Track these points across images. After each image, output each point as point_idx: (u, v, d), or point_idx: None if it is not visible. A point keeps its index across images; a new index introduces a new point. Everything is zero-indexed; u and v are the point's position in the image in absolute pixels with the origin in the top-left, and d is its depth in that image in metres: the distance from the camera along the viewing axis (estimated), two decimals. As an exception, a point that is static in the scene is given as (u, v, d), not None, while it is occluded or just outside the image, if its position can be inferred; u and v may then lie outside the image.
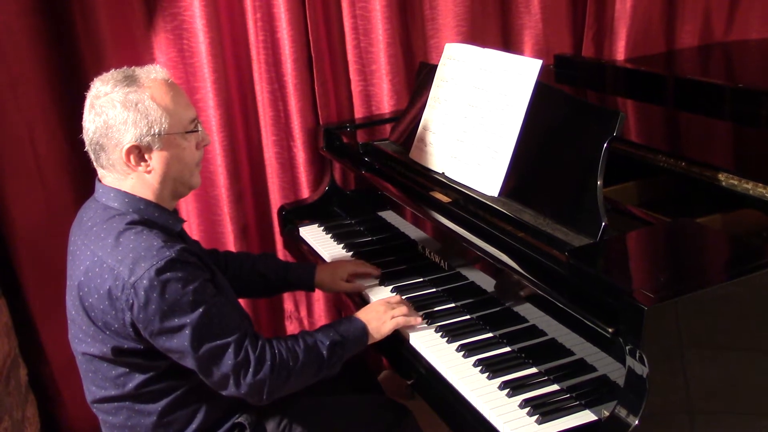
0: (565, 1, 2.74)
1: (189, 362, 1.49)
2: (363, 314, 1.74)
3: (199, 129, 1.59)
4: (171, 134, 1.52)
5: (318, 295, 2.77)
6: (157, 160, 1.53)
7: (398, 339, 1.79)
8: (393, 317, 1.73)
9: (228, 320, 1.51)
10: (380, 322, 1.72)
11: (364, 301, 1.94)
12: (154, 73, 1.54)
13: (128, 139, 1.49)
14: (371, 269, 2.01)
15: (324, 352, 1.60)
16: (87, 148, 1.56)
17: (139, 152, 1.51)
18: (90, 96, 1.54)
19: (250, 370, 1.50)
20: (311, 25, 2.46)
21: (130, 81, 1.51)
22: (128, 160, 1.51)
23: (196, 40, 2.39)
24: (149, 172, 1.53)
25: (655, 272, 1.41)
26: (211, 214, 2.58)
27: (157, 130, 1.50)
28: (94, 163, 1.57)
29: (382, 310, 1.74)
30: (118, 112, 1.48)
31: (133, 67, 1.56)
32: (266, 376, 1.52)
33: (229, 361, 1.48)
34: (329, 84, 2.59)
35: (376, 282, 1.99)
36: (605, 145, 1.51)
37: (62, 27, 2.28)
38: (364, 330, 1.70)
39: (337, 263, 2.06)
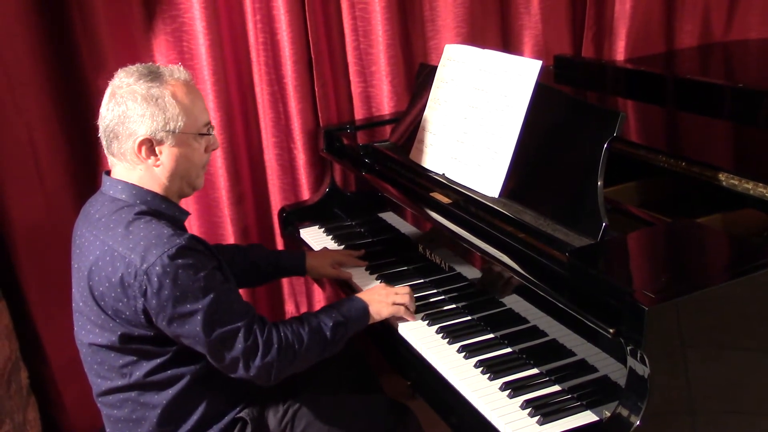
0: (564, 1, 2.74)
1: (200, 347, 1.52)
2: (366, 295, 1.78)
3: (211, 133, 1.64)
4: (185, 133, 1.56)
5: (319, 296, 2.77)
6: (167, 155, 1.56)
7: (399, 339, 1.79)
8: (394, 303, 1.77)
9: (237, 306, 1.55)
10: (381, 305, 1.76)
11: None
12: (177, 73, 1.59)
13: (143, 131, 1.53)
14: (357, 261, 2.08)
15: (327, 334, 1.65)
16: (100, 134, 1.59)
17: (150, 145, 1.55)
18: (112, 85, 1.58)
19: (259, 353, 1.54)
20: (311, 27, 2.46)
21: (154, 76, 1.55)
22: (139, 151, 1.55)
23: (196, 42, 2.39)
24: (158, 166, 1.57)
25: (656, 272, 1.41)
26: (211, 216, 2.59)
27: (171, 127, 1.54)
28: (105, 150, 1.60)
29: (384, 293, 1.79)
30: (138, 105, 1.52)
31: (158, 64, 1.61)
32: (273, 359, 1.56)
33: (239, 345, 1.52)
34: (329, 85, 2.59)
35: (373, 278, 2.02)
36: (605, 145, 1.51)
37: (61, 29, 2.28)
38: (365, 310, 1.74)
39: (324, 251, 2.14)
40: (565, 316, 1.48)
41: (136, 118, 1.53)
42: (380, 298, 1.77)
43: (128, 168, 1.58)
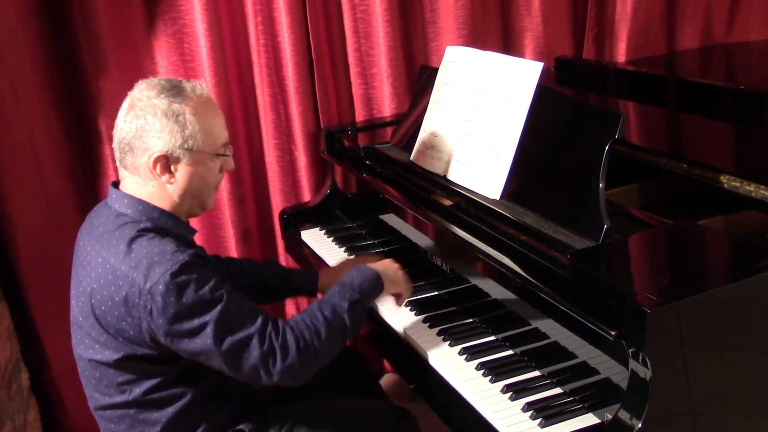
0: (565, 3, 2.74)
1: (215, 361, 1.48)
2: (377, 265, 1.75)
3: (229, 154, 1.60)
4: (202, 152, 1.53)
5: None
6: (181, 173, 1.53)
7: (401, 342, 1.79)
8: (405, 278, 1.78)
9: (246, 313, 1.51)
10: (395, 277, 1.75)
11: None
12: (199, 89, 1.55)
13: (160, 147, 1.49)
14: None
15: (345, 318, 1.60)
16: (114, 145, 1.55)
17: (166, 162, 1.51)
18: (131, 97, 1.54)
19: (278, 357, 1.49)
20: (312, 29, 2.46)
21: (177, 92, 1.51)
22: (154, 168, 1.51)
23: (197, 44, 2.39)
24: (171, 183, 1.53)
25: (658, 275, 1.41)
26: (212, 218, 2.59)
27: (190, 145, 1.51)
28: (117, 163, 1.57)
29: (394, 268, 1.77)
30: (158, 119, 1.48)
31: (179, 79, 1.57)
32: (294, 360, 1.51)
33: (255, 352, 1.47)
34: (330, 87, 2.59)
35: None
36: (607, 147, 1.51)
37: (63, 31, 2.28)
38: (378, 277, 1.70)
39: (338, 266, 2.06)
40: (566, 318, 1.48)
41: (154, 133, 1.48)
42: (391, 272, 1.75)
43: (139, 183, 1.54)
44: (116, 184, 1.59)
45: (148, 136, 1.49)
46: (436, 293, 1.92)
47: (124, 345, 1.49)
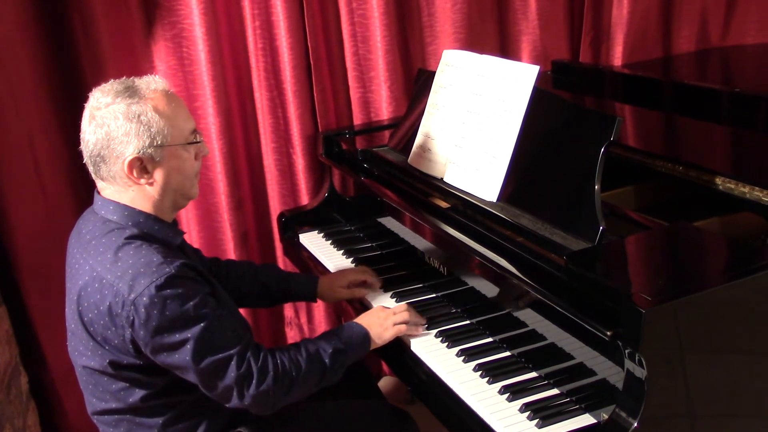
0: (562, 7, 2.76)
1: (191, 377, 1.48)
2: (364, 320, 1.73)
3: (200, 140, 1.58)
4: (173, 146, 1.51)
5: (318, 302, 2.77)
6: (159, 172, 1.51)
7: (399, 344, 1.79)
8: (395, 324, 1.72)
9: (229, 333, 1.50)
10: (382, 328, 1.71)
11: (364, 308, 1.93)
12: (154, 84, 1.52)
13: (130, 151, 1.47)
14: (371, 278, 1.99)
15: (326, 360, 1.60)
16: (86, 160, 1.53)
17: (141, 164, 1.49)
18: (89, 107, 1.51)
19: (253, 381, 1.49)
20: (310, 33, 2.47)
21: (132, 92, 1.49)
22: (130, 172, 1.49)
23: (195, 48, 2.40)
24: (151, 184, 1.52)
25: (654, 275, 1.42)
26: (211, 222, 2.59)
27: (159, 142, 1.49)
28: (93, 176, 1.55)
29: (383, 315, 1.74)
30: (120, 124, 1.46)
31: (132, 78, 1.54)
32: (269, 387, 1.51)
33: (231, 373, 1.47)
34: (328, 91, 2.60)
35: (378, 289, 1.98)
36: (603, 149, 1.52)
37: (62, 36, 2.29)
38: (365, 336, 1.69)
39: (338, 272, 2.05)
40: (563, 319, 1.49)
41: (121, 138, 1.46)
42: (379, 321, 1.72)
43: (120, 190, 1.52)
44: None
45: (115, 142, 1.47)
46: (434, 295, 1.92)
47: (110, 353, 1.49)
